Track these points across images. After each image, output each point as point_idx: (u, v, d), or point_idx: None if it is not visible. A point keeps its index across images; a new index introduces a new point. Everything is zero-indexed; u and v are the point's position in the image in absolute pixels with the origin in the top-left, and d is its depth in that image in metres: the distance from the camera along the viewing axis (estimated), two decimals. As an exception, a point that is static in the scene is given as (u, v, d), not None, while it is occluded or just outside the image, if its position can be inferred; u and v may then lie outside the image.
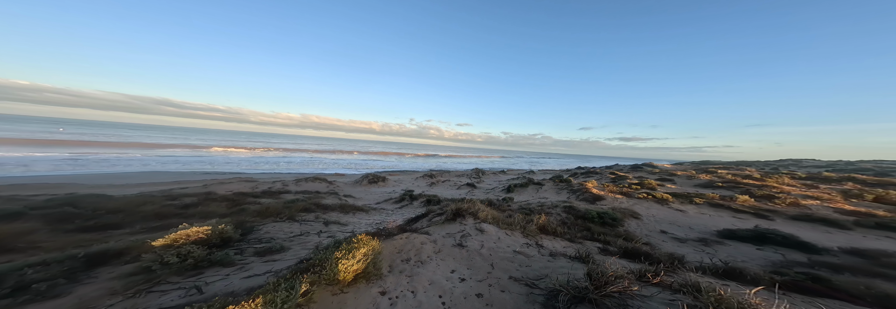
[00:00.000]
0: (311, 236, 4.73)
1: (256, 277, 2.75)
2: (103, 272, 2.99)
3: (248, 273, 2.91)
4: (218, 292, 2.43)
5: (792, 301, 2.25)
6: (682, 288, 2.04)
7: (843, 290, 2.86)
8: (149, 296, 2.46)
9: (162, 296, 2.46)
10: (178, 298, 2.40)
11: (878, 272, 3.75)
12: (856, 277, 3.44)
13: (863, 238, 5.98)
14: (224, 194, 8.83)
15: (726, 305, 1.59)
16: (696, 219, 7.30)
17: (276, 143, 62.42)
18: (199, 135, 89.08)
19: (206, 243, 3.65)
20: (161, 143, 37.52)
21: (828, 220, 6.96)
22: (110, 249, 3.39)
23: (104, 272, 2.99)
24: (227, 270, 3.07)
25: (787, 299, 2.14)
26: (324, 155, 41.25)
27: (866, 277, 3.43)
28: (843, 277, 3.25)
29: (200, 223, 3.94)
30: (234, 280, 2.73)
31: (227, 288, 2.54)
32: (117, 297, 2.46)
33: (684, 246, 5.30)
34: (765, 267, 4.00)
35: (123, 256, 3.37)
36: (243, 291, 2.37)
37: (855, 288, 2.89)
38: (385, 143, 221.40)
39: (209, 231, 3.78)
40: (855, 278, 3.25)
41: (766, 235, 5.41)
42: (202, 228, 3.77)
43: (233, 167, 21.88)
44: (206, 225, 3.88)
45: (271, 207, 6.28)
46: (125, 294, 2.49)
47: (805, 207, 8.39)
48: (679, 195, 9.30)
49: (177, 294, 2.47)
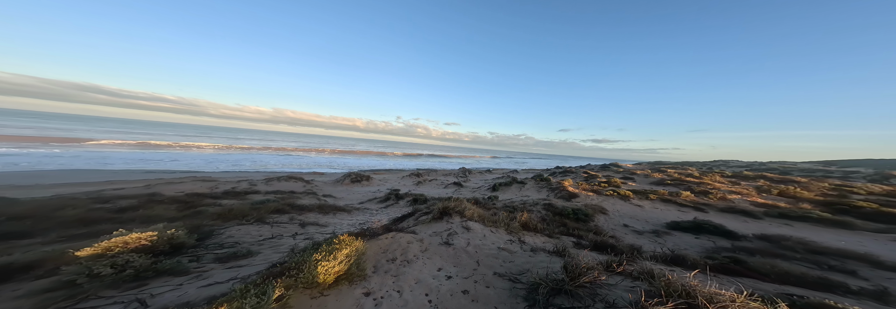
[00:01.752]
0: (286, 239, 4.35)
1: (218, 285, 2.45)
2: (5, 290, 2.41)
3: (206, 281, 2.58)
4: (169, 304, 2.11)
5: (720, 282, 2.69)
6: (640, 275, 2.30)
7: (755, 270, 3.51)
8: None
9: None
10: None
11: (779, 254, 4.67)
12: (764, 258, 4.21)
13: (769, 226, 7.36)
14: (173, 196, 7.68)
15: (673, 288, 1.83)
16: (650, 213, 8.30)
17: (244, 140, 55.73)
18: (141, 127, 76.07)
19: (150, 251, 3.15)
20: (86, 137, 31.14)
21: (745, 211, 8.43)
22: (14, 263, 2.74)
23: (6, 290, 2.41)
24: (179, 279, 2.68)
25: (716, 280, 2.56)
26: (300, 152, 38.10)
27: (771, 258, 4.23)
28: (755, 259, 3.97)
29: (142, 229, 3.38)
30: (190, 290, 2.40)
31: (181, 299, 2.22)
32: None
33: (642, 237, 6.00)
34: (700, 253, 4.72)
35: (34, 269, 2.75)
36: (202, 300, 2.10)
37: (763, 268, 3.55)
38: (370, 142, 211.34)
39: (154, 237, 3.26)
40: (763, 259, 3.99)
41: (701, 225, 6.38)
42: (145, 233, 3.23)
43: (184, 165, 19.03)
44: (151, 230, 3.34)
45: (235, 209, 5.63)
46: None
47: (730, 201, 10.05)
48: (638, 192, 10.49)
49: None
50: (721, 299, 1.68)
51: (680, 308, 1.67)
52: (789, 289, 2.93)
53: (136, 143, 28.42)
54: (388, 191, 11.14)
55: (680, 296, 1.76)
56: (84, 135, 32.32)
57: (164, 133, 56.40)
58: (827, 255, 4.71)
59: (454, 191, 13.35)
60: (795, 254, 4.70)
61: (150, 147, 27.77)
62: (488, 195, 11.00)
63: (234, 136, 68.28)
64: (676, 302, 1.69)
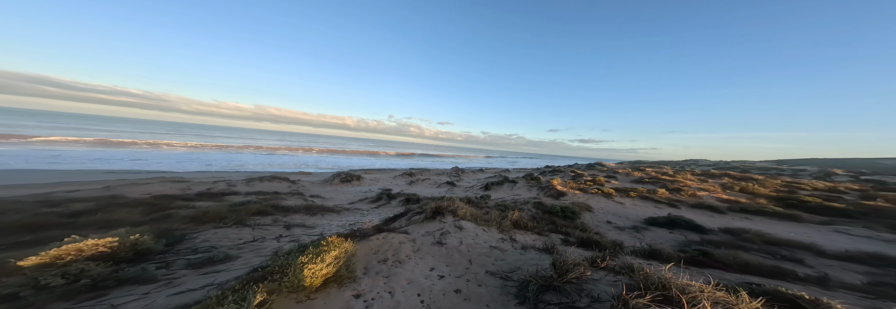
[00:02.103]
0: (269, 242, 4.12)
1: (191, 293, 2.27)
2: (-77, 309, 2.06)
3: (177, 289, 2.37)
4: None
5: (690, 273, 2.90)
6: (622, 270, 2.43)
7: (720, 261, 3.83)
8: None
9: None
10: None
11: (740, 245, 5.13)
12: (728, 250, 4.60)
13: (732, 220, 8.07)
14: (138, 198, 7.02)
15: (650, 281, 1.95)
16: (631, 210, 8.80)
17: (222, 137, 51.71)
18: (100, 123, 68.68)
19: (111, 259, 2.85)
20: (33, 133, 27.51)
21: (712, 207, 9.18)
22: (-63, 276, 2.36)
23: (-75, 309, 2.07)
24: (145, 287, 2.45)
25: (687, 272, 2.76)
26: (285, 151, 36.13)
27: (734, 250, 4.63)
28: (720, 251, 4.32)
29: (101, 234, 3.06)
30: (158, 298, 2.20)
31: (148, 308, 2.03)
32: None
33: (623, 233, 6.34)
34: (674, 246, 5.07)
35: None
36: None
37: (727, 259, 3.89)
38: (361, 141, 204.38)
39: (115, 243, 2.96)
40: (727, 251, 4.35)
41: (675, 221, 6.86)
42: (104, 239, 2.93)
43: (152, 164, 17.38)
44: (111, 236, 3.03)
45: (211, 211, 5.24)
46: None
47: (699, 198, 10.91)
48: (620, 190, 11.07)
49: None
50: (692, 290, 1.81)
51: (657, 300, 1.77)
52: (749, 278, 3.23)
53: (93, 140, 25.57)
54: (379, 191, 10.91)
55: (657, 288, 1.88)
56: (32, 131, 28.59)
57: (127, 130, 51.27)
58: (779, 245, 5.25)
59: (447, 190, 13.33)
60: (754, 245, 5.19)
61: (111, 145, 25.13)
62: (481, 194, 11.11)
63: (210, 134, 63.48)
64: (653, 294, 1.80)
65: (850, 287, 3.29)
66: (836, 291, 3.08)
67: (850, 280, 3.61)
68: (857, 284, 3.48)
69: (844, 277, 3.73)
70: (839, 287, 3.26)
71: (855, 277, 3.80)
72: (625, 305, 1.76)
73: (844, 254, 4.76)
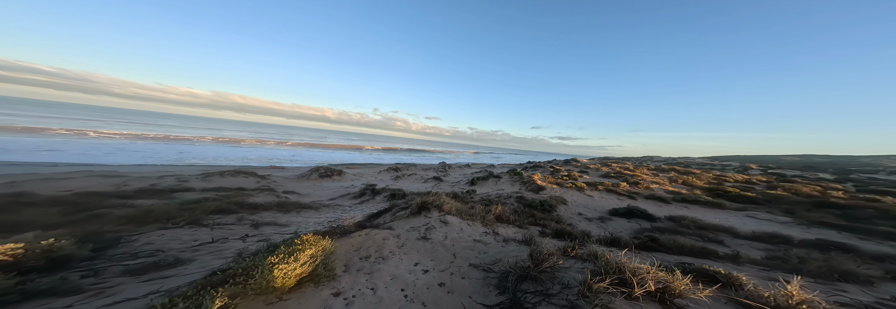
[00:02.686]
0: (233, 242, 3.70)
1: (131, 302, 1.94)
2: None
3: (112, 299, 2.02)
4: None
5: (641, 257, 3.33)
6: (588, 257, 2.67)
7: (664, 245, 4.46)
8: None
9: None
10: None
11: (679, 231, 6.04)
12: (670, 235, 5.41)
13: (675, 208, 9.43)
14: (54, 195, 5.76)
15: (610, 266, 2.18)
16: (599, 202, 9.75)
17: (171, 127, 44.20)
18: None
19: (15, 269, 2.31)
20: None
21: (661, 198, 10.61)
22: None
23: None
24: (66, 300, 2.03)
25: (639, 256, 3.15)
26: (252, 143, 32.33)
27: (674, 235, 5.45)
28: (664, 236, 5.02)
29: (3, 238, 2.44)
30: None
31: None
32: None
33: (591, 223, 7.01)
34: (631, 234, 5.77)
35: None
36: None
37: (669, 243, 4.54)
38: (343, 134, 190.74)
39: (21, 250, 2.39)
40: (670, 236, 5.10)
41: (632, 211, 7.79)
42: (4, 246, 2.34)
43: (73, 156, 14.31)
44: (14, 241, 2.44)
45: (156, 210, 4.51)
46: None
47: (652, 190, 12.49)
48: (590, 184, 12.15)
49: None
50: (641, 272, 2.06)
51: (614, 283, 1.99)
52: (684, 258, 3.81)
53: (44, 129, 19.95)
54: (363, 186, 10.44)
55: (614, 272, 2.10)
56: None
57: (38, 113, 40.93)
58: (708, 229, 6.29)
59: (434, 185, 13.30)
60: (689, 230, 6.15)
61: (12, 131, 19.92)
62: (467, 189, 11.24)
63: (154, 122, 53.95)
64: (612, 278, 2.01)
65: (753, 262, 4.06)
66: (743, 266, 3.76)
67: (754, 256, 4.46)
68: (758, 258, 4.33)
69: (750, 254, 4.60)
70: (747, 262, 4.01)
71: (757, 254, 4.72)
72: (589, 289, 1.94)
73: (751, 234, 5.90)
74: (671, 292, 1.95)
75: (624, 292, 1.91)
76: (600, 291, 1.88)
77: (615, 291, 1.91)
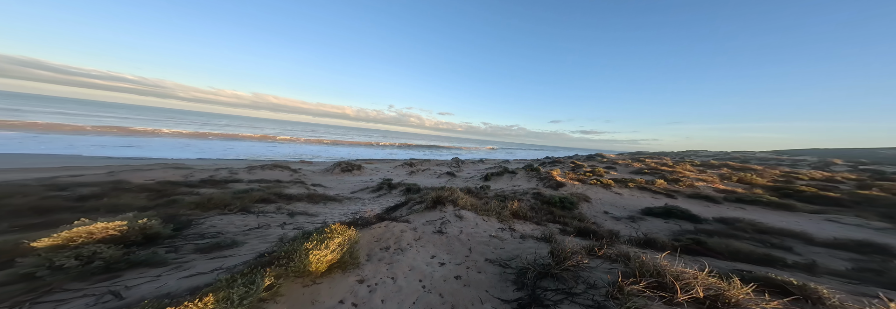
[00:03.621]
0: (273, 229, 4.23)
1: (201, 276, 2.36)
2: (-52, 286, 2.16)
3: (188, 272, 2.47)
4: (147, 296, 2.01)
5: (684, 261, 2.99)
6: (618, 258, 2.49)
7: (713, 249, 3.95)
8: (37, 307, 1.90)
9: (58, 306, 1.93)
10: (84, 306, 1.92)
11: (732, 234, 5.29)
12: (721, 238, 4.76)
13: (726, 209, 8.25)
14: (142, 183, 7.10)
15: (646, 268, 2.01)
16: (628, 200, 8.95)
17: (222, 126, 51.04)
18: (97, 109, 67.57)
19: (121, 242, 2.93)
20: (32, 120, 27.03)
21: (708, 197, 9.34)
22: (-45, 257, 2.45)
23: (-51, 286, 2.17)
24: (156, 270, 2.54)
25: (681, 260, 2.84)
26: (285, 140, 36.04)
27: (726, 238, 4.78)
28: (713, 240, 4.45)
29: (109, 218, 3.10)
30: (170, 281, 2.29)
31: (160, 290, 2.12)
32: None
33: (619, 223, 6.50)
34: (669, 236, 5.22)
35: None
36: (184, 291, 2.01)
37: (719, 247, 4.01)
38: (361, 130, 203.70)
39: (125, 227, 3.02)
40: (720, 240, 4.49)
41: (671, 211, 7.00)
42: (113, 223, 2.98)
43: (152, 151, 17.44)
44: (119, 219, 3.08)
45: (216, 198, 5.32)
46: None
47: (697, 188, 11.05)
48: (618, 181, 11.17)
49: (82, 302, 1.96)
50: (686, 277, 1.86)
51: (651, 286, 1.82)
52: (739, 265, 3.35)
53: (90, 128, 25.34)
54: (380, 180, 10.98)
55: (652, 275, 1.93)
56: (31, 117, 28.17)
57: (125, 115, 50.56)
58: (770, 234, 5.40)
59: (447, 181, 13.45)
60: (746, 234, 5.34)
61: (111, 131, 24.94)
62: (480, 185, 11.19)
63: (209, 122, 62.78)
64: (648, 281, 1.85)
65: (835, 273, 3.42)
66: (821, 277, 3.21)
67: (835, 266, 3.76)
68: (842, 269, 3.62)
69: (831, 264, 3.88)
70: (825, 273, 3.40)
71: (841, 264, 3.95)
72: (620, 290, 1.82)
73: (832, 241, 4.92)
74: (725, 301, 1.75)
75: (663, 297, 1.76)
76: (633, 294, 1.75)
77: (652, 294, 1.76)
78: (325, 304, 1.91)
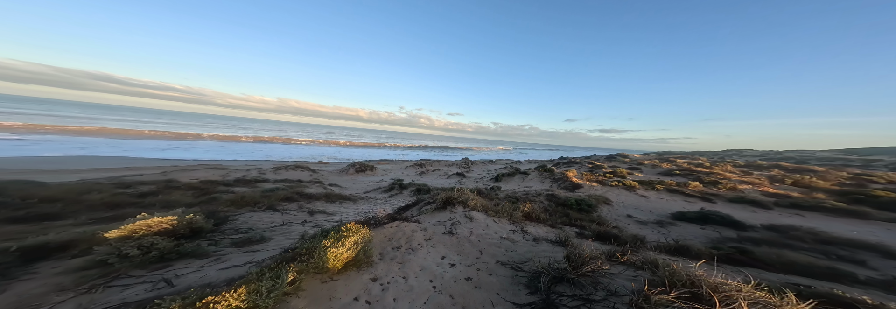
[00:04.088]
0: (295, 226, 4.55)
1: (235, 268, 2.61)
2: (45, 267, 2.63)
3: (225, 264, 2.75)
4: (192, 284, 2.27)
5: (725, 271, 2.69)
6: (643, 265, 2.31)
7: (761, 260, 3.50)
8: (107, 291, 2.23)
9: (124, 290, 2.25)
10: (143, 291, 2.22)
11: (786, 243, 4.63)
12: (771, 248, 4.20)
13: (779, 216, 7.26)
14: (188, 182, 8.01)
15: (678, 277, 1.83)
16: (655, 203, 8.26)
17: (251, 130, 56.55)
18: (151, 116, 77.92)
19: (172, 234, 3.34)
20: (103, 126, 32.06)
21: (755, 201, 8.28)
22: (51, 242, 2.96)
23: (46, 267, 2.63)
24: (200, 261, 2.86)
25: (721, 270, 2.55)
26: (305, 142, 38.78)
27: (778, 248, 4.21)
28: (761, 249, 3.95)
29: (162, 213, 3.55)
30: (210, 272, 2.57)
31: (203, 280, 2.38)
32: (68, 293, 2.20)
33: (645, 228, 6.03)
34: (705, 243, 4.72)
35: (69, 249, 2.98)
36: (222, 282, 2.25)
37: (769, 257, 3.54)
38: (373, 132, 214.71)
39: (175, 221, 3.43)
40: (770, 249, 3.97)
41: (708, 216, 6.32)
42: (166, 217, 3.40)
43: (196, 153, 19.73)
44: (171, 215, 3.51)
45: (247, 196, 5.85)
46: (77, 290, 2.24)
47: (740, 191, 9.85)
48: (644, 182, 10.35)
49: (142, 288, 2.28)
50: (726, 288, 1.67)
51: (683, 297, 1.66)
52: (795, 279, 2.94)
53: (148, 132, 29.34)
54: (391, 181, 11.29)
55: (684, 285, 1.76)
56: (105, 124, 33.42)
57: (174, 121, 57.85)
58: (837, 244, 4.66)
59: (457, 181, 13.46)
60: (804, 244, 4.66)
61: (163, 136, 28.66)
62: (491, 186, 11.08)
63: (242, 126, 69.33)
64: (680, 291, 1.69)
65: None
66: None
67: None
68: None
69: None
70: None
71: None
72: (646, 299, 1.69)
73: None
74: (776, 318, 1.54)
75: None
76: (662, 304, 1.61)
77: (685, 306, 1.61)
78: (342, 300, 2.01)
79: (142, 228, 3.13)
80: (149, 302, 1.72)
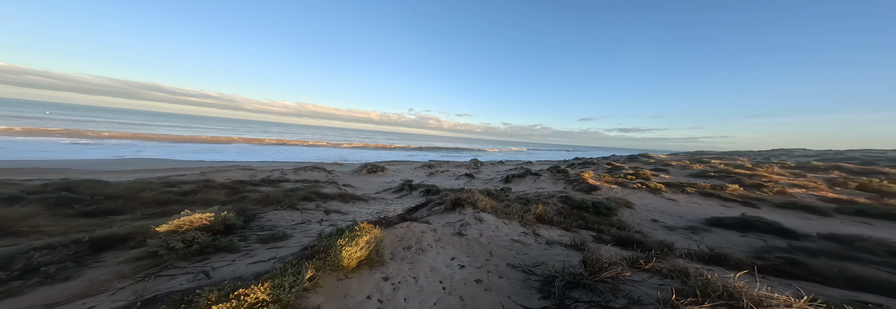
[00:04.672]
0: (313, 224, 4.83)
1: (262, 263, 2.83)
2: (109, 257, 3.05)
3: (253, 259, 2.99)
4: (226, 277, 2.51)
5: (771, 284, 2.40)
6: (671, 273, 2.14)
7: (817, 272, 3.06)
8: (157, 279, 2.53)
9: (170, 280, 2.54)
10: (186, 282, 2.48)
11: (851, 256, 4.01)
12: (831, 260, 3.66)
13: (840, 224, 6.31)
14: (222, 182, 8.82)
15: (712, 288, 1.66)
16: (686, 208, 7.57)
17: (274, 133, 61.49)
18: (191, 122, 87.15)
19: (209, 230, 3.70)
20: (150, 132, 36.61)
21: (810, 207, 7.27)
22: (115, 234, 3.42)
23: (110, 257, 3.05)
24: (232, 255, 3.14)
25: (766, 282, 2.27)
26: (321, 145, 41.01)
27: (840, 261, 3.66)
28: (819, 261, 3.46)
29: (202, 210, 3.95)
30: (241, 266, 2.82)
31: (234, 273, 2.62)
32: (126, 280, 2.53)
33: (673, 234, 5.55)
34: (747, 252, 4.23)
35: (128, 241, 3.42)
36: (250, 275, 2.45)
37: (829, 271, 3.09)
38: (384, 133, 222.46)
39: (212, 218, 3.80)
40: (830, 262, 3.46)
41: (750, 222, 5.66)
42: (205, 214, 3.78)
43: (228, 155, 21.73)
44: (209, 212, 3.90)
45: (271, 196, 6.32)
46: (134, 278, 2.57)
47: (790, 196, 8.72)
48: (672, 185, 9.54)
49: (185, 278, 2.55)
50: (772, 303, 1.49)
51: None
52: (862, 296, 2.53)
53: (188, 137, 32.89)
54: (401, 181, 11.51)
55: (720, 297, 1.59)
56: (155, 130, 38.17)
57: (209, 126, 64.30)
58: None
59: (466, 182, 13.41)
60: (873, 256, 4.01)
61: (201, 139, 31.98)
62: (501, 187, 10.87)
63: (266, 130, 75.18)
64: (715, 303, 1.54)
65: None
66: None
67: None
68: None
69: None
70: None
71: None
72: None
73: None
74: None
75: (738, 324, 1.45)
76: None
77: None
78: (355, 298, 2.10)
79: (185, 223, 3.51)
80: (191, 291, 1.93)
